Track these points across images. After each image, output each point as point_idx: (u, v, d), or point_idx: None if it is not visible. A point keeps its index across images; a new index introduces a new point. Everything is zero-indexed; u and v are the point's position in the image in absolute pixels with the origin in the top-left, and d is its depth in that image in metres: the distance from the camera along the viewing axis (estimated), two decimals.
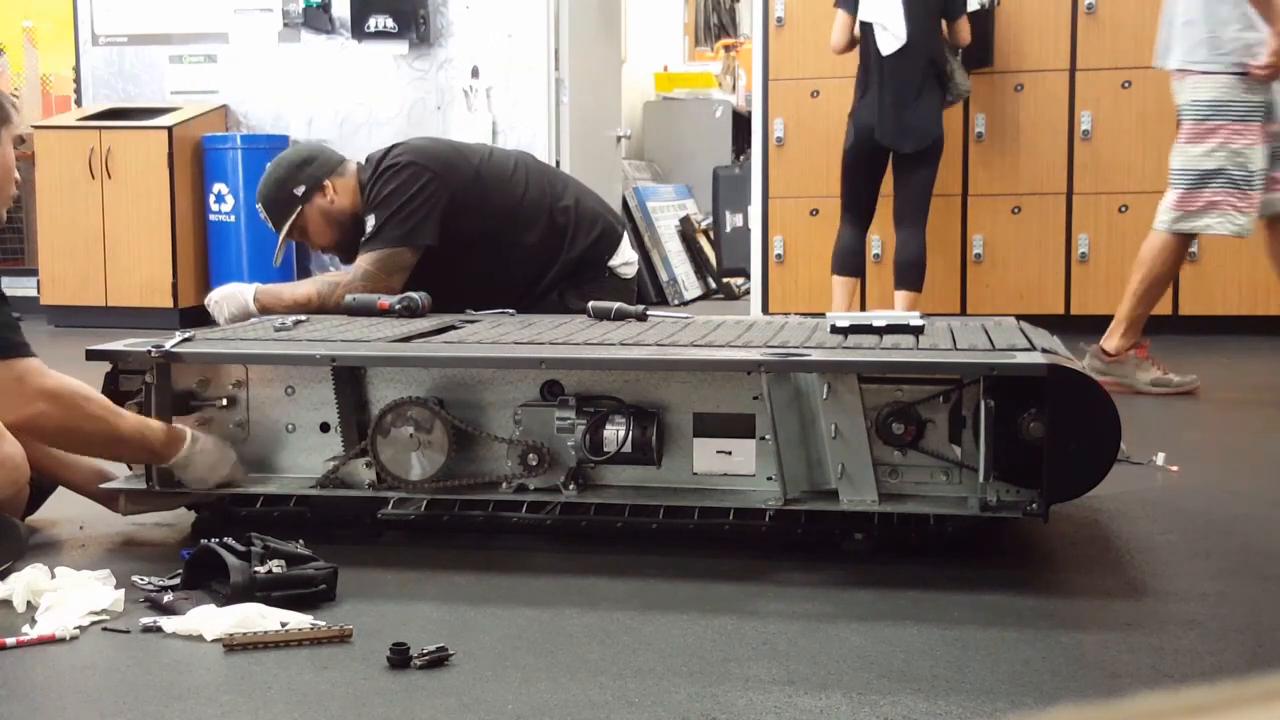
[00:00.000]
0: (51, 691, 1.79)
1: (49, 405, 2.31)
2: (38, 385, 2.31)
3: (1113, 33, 5.98)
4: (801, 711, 1.65)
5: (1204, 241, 5.91)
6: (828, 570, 2.25)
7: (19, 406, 2.30)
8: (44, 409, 2.31)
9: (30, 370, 2.31)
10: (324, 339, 2.65)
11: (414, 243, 3.40)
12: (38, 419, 2.31)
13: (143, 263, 6.82)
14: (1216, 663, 1.82)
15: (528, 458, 2.42)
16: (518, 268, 3.57)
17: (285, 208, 3.45)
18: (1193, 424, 3.94)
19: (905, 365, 2.33)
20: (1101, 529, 2.56)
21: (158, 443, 2.44)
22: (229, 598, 2.01)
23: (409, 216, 3.40)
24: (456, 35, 6.98)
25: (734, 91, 9.69)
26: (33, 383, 2.30)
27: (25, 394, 2.30)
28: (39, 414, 2.30)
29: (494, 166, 3.62)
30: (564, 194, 3.68)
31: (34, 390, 2.30)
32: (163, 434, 2.45)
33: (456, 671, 1.79)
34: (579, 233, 3.64)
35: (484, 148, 3.88)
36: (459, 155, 3.60)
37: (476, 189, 3.52)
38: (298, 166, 3.46)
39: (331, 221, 3.47)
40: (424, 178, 3.42)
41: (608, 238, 3.70)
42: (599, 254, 3.68)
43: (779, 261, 6.39)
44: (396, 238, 3.39)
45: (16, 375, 2.30)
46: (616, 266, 3.72)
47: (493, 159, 3.68)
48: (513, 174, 3.63)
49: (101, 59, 7.40)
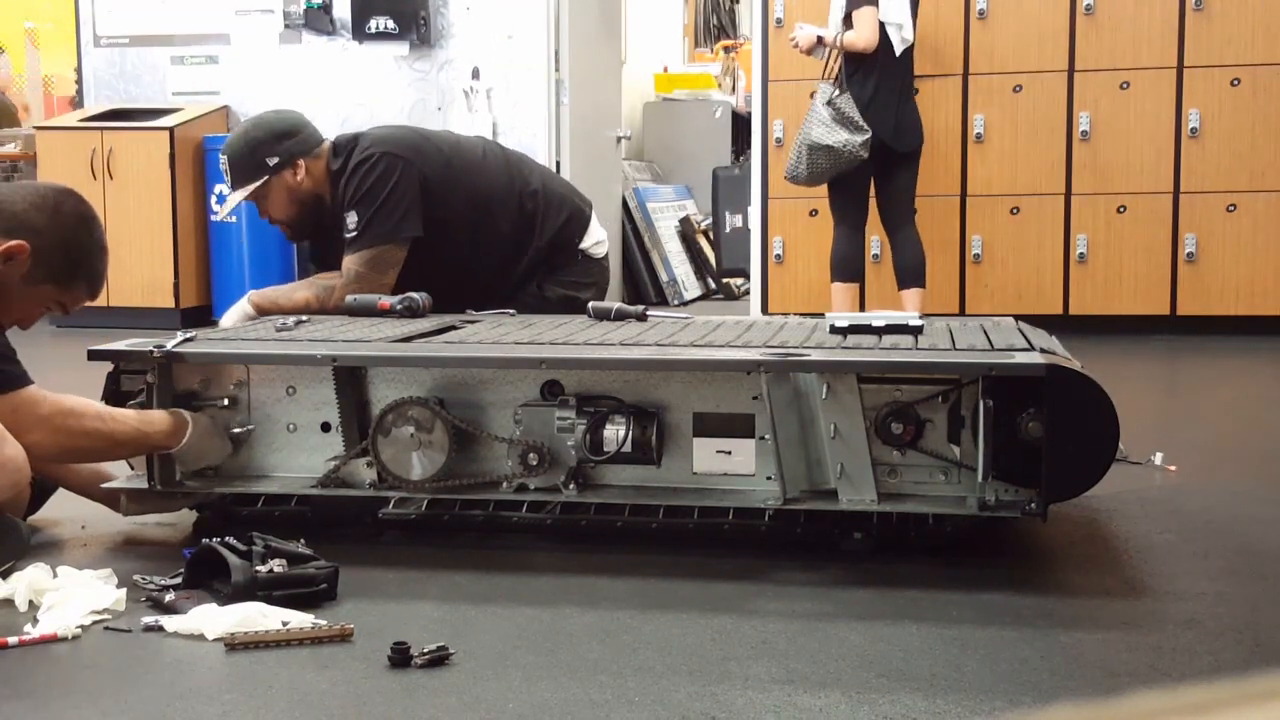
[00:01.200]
0: (53, 690, 1.79)
1: (43, 434, 2.34)
2: (33, 416, 2.33)
3: (1111, 33, 5.99)
4: (801, 710, 1.65)
5: (1203, 242, 5.93)
6: (827, 570, 2.26)
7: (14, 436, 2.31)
8: (39, 439, 2.34)
9: (25, 402, 2.34)
10: (325, 339, 2.66)
11: (401, 237, 3.41)
12: (34, 449, 2.34)
13: (144, 263, 6.82)
14: (1215, 662, 1.83)
15: (528, 457, 2.43)
16: (490, 255, 3.56)
17: (252, 172, 3.40)
18: (1192, 424, 3.95)
19: (904, 365, 2.34)
20: (1100, 528, 2.57)
21: (160, 436, 2.46)
22: (230, 597, 2.01)
23: (392, 211, 3.39)
24: (457, 36, 6.99)
25: (733, 92, 9.70)
26: (27, 415, 2.33)
27: (20, 426, 2.32)
28: (34, 444, 2.33)
29: (463, 153, 3.62)
30: (531, 179, 3.68)
31: (30, 421, 2.33)
32: (166, 425, 2.47)
33: (457, 670, 1.79)
34: (548, 217, 3.64)
35: (450, 134, 3.88)
36: (428, 142, 3.59)
37: (448, 175, 3.51)
38: (278, 137, 3.42)
39: (294, 200, 3.44)
40: (399, 168, 3.41)
41: (576, 220, 3.70)
42: (569, 237, 3.68)
43: (778, 262, 6.39)
44: (384, 234, 3.39)
45: (12, 408, 2.32)
46: (588, 247, 3.72)
47: (461, 145, 3.68)
48: (483, 160, 3.63)
49: (103, 60, 7.40)
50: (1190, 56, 5.91)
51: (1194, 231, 5.95)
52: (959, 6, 6.09)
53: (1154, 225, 5.99)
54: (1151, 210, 6.00)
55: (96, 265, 2.57)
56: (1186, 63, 5.92)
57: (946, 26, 6.11)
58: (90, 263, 2.55)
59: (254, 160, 3.40)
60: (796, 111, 6.30)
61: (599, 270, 3.75)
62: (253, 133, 3.45)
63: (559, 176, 3.93)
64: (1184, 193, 5.96)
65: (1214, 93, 5.90)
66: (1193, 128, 5.92)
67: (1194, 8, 5.88)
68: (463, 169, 3.55)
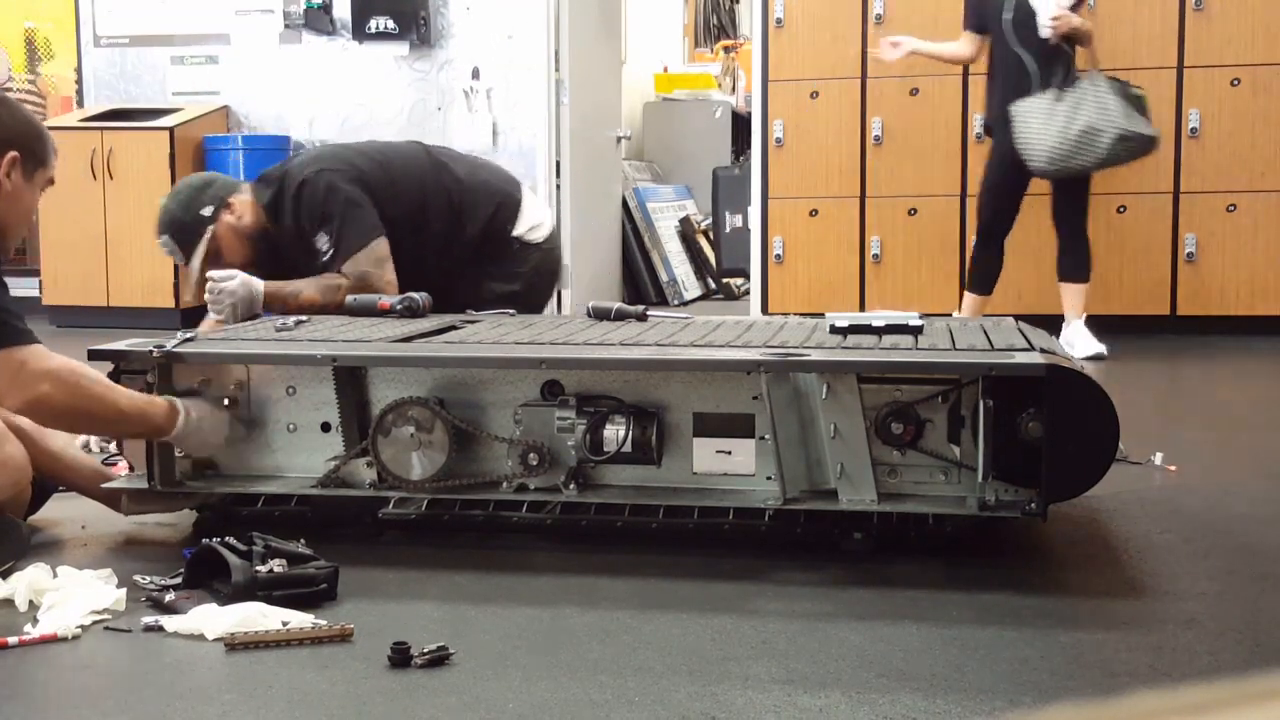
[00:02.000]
0: (53, 690, 1.79)
1: (53, 387, 2.32)
2: (42, 368, 2.32)
3: (1111, 33, 5.99)
4: (801, 710, 1.65)
5: (1203, 241, 5.92)
6: (827, 570, 2.26)
7: (23, 390, 2.30)
8: (48, 390, 2.31)
9: (33, 355, 2.32)
10: (325, 339, 2.66)
11: (379, 232, 3.44)
12: (43, 400, 2.32)
13: (144, 263, 6.82)
14: (1214, 661, 1.83)
15: (528, 457, 2.43)
16: (427, 253, 3.57)
17: (196, 229, 3.44)
18: (1192, 424, 3.95)
19: (904, 365, 2.34)
20: (1100, 528, 2.57)
21: (160, 417, 2.46)
22: (230, 597, 2.01)
23: (356, 214, 3.43)
24: (457, 36, 6.99)
25: (733, 92, 9.69)
26: (36, 366, 2.31)
27: (29, 378, 2.30)
28: (43, 395, 2.31)
29: (392, 156, 3.65)
30: (456, 171, 3.69)
31: (39, 373, 2.31)
32: (165, 408, 2.47)
33: (457, 670, 1.79)
34: (476, 209, 3.63)
35: (374, 142, 3.93)
36: (355, 152, 3.65)
37: (384, 178, 3.55)
38: (198, 190, 3.49)
39: (242, 238, 3.47)
40: (340, 178, 3.46)
41: (505, 208, 3.68)
42: (499, 226, 3.66)
43: (778, 262, 6.39)
44: (364, 232, 3.43)
45: (20, 360, 2.31)
46: (523, 233, 3.69)
47: (388, 150, 3.72)
48: (411, 160, 3.66)
49: (103, 60, 7.40)
50: (1190, 56, 5.91)
51: (1194, 231, 5.95)
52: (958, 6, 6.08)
53: (1154, 225, 5.99)
54: (1151, 210, 6.00)
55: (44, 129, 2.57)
56: (1186, 63, 5.92)
57: (946, 27, 6.10)
58: (42, 129, 2.55)
59: (191, 216, 3.45)
60: (797, 111, 6.31)
61: (539, 256, 3.70)
62: (175, 198, 3.52)
63: (489, 165, 3.91)
64: (1184, 193, 5.96)
65: (1214, 93, 5.89)
66: (1193, 128, 5.92)
67: (1194, 8, 5.88)
68: (397, 172, 3.59)
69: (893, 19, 6.14)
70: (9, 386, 2.30)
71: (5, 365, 2.30)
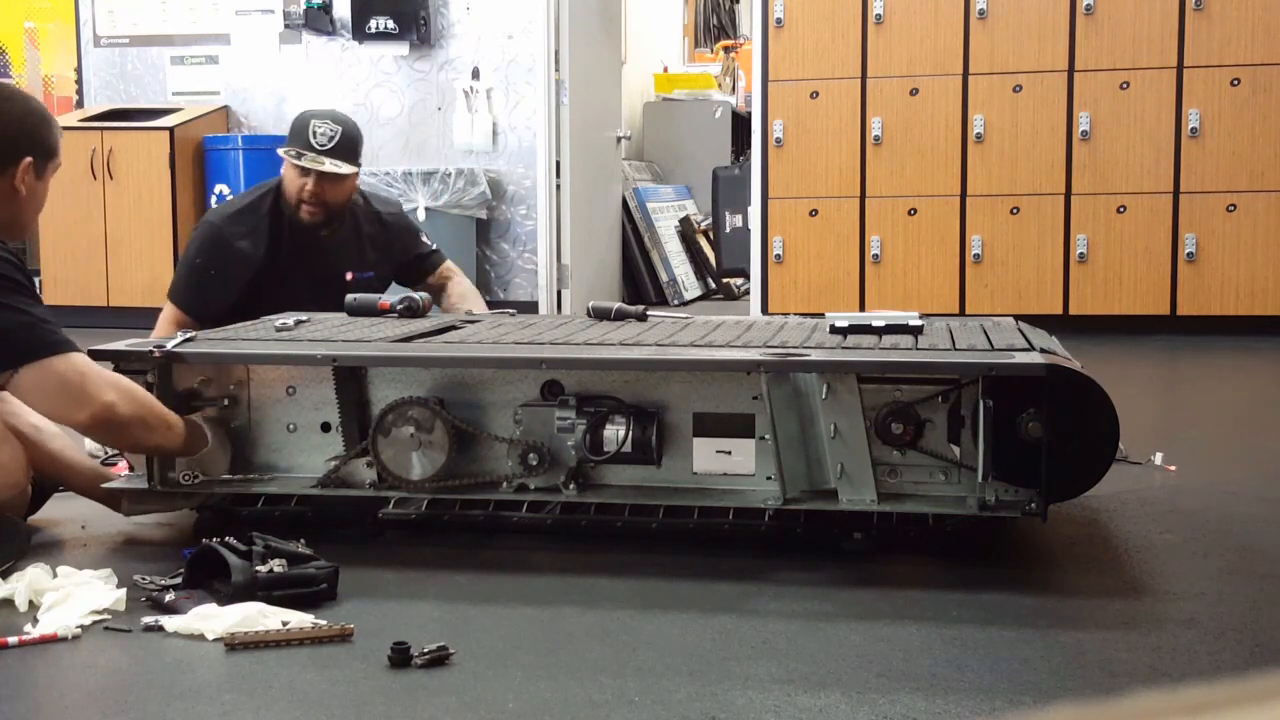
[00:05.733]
0: (53, 690, 1.79)
1: (118, 396, 2.30)
2: (105, 377, 2.30)
3: (1111, 33, 5.99)
4: (801, 710, 1.65)
5: (1203, 241, 5.92)
6: (827, 569, 2.26)
7: (90, 398, 2.27)
8: (115, 399, 2.29)
9: (91, 365, 2.31)
10: (325, 339, 2.66)
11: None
12: (111, 409, 2.29)
13: (144, 263, 6.82)
14: (1214, 661, 1.83)
15: (528, 457, 2.43)
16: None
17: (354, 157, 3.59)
18: (1192, 424, 3.95)
19: (904, 365, 2.34)
20: (1100, 529, 2.57)
21: (197, 435, 2.48)
22: (230, 597, 2.01)
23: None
24: (457, 36, 6.98)
25: (734, 92, 9.69)
26: (97, 376, 2.29)
27: (94, 385, 2.27)
28: (109, 405, 2.28)
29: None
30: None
31: (104, 382, 2.29)
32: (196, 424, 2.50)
33: (457, 670, 1.79)
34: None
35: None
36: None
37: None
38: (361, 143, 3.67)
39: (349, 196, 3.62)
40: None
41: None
42: None
43: (778, 262, 6.39)
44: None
45: (79, 369, 2.28)
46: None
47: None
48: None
49: (103, 60, 7.40)
50: (1190, 56, 5.91)
51: (1194, 231, 5.94)
52: (959, 6, 6.09)
53: (1154, 225, 5.99)
54: (1151, 210, 6.00)
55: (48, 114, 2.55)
56: (1186, 63, 5.92)
57: (946, 26, 6.11)
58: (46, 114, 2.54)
59: (357, 147, 3.59)
60: (796, 111, 6.31)
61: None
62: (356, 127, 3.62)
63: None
64: (1184, 193, 5.96)
65: (1214, 93, 5.89)
66: (1193, 128, 5.92)
67: (1194, 8, 5.88)
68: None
69: (893, 19, 6.14)
70: (74, 396, 2.26)
71: (65, 373, 2.27)
